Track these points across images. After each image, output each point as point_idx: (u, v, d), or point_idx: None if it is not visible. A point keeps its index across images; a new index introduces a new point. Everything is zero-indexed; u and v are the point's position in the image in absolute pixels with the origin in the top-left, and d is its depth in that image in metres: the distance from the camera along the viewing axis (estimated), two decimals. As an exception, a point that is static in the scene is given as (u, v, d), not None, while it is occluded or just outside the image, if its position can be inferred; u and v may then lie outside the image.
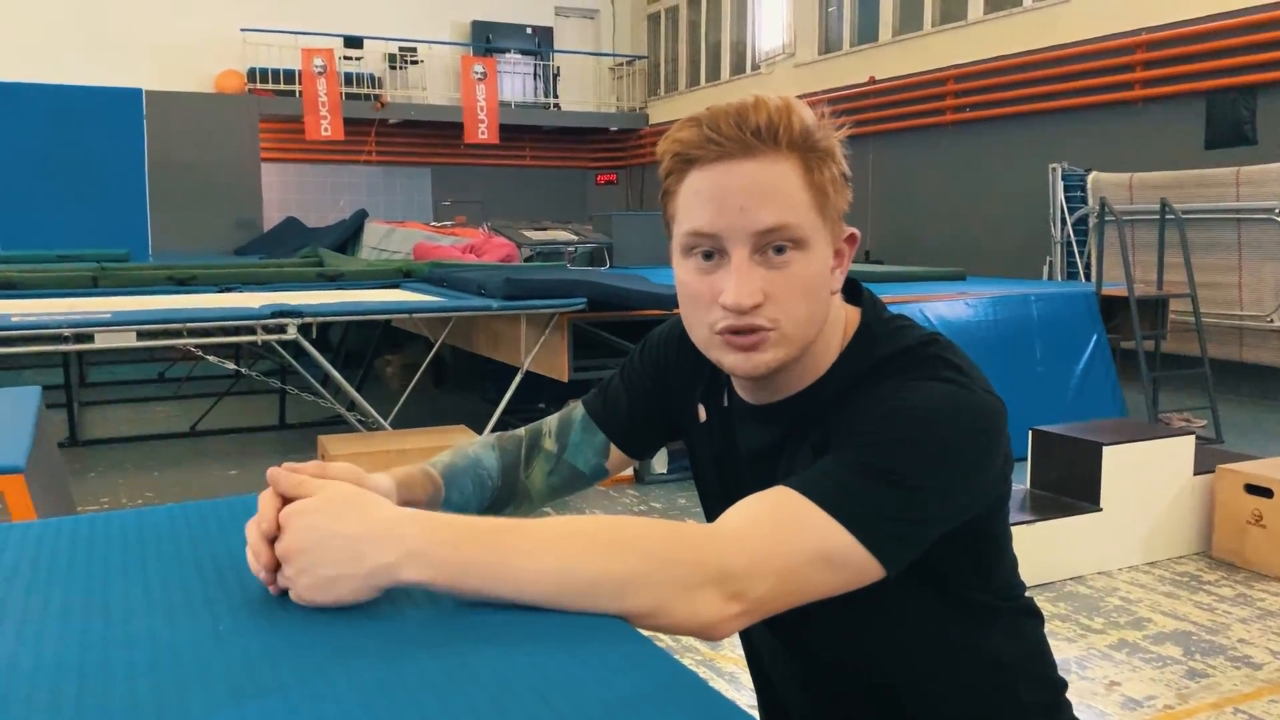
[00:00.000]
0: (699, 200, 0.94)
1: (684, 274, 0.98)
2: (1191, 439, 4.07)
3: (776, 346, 0.96)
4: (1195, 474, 4.00)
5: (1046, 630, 1.14)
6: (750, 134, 0.92)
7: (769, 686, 1.21)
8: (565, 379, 5.15)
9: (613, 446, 1.20)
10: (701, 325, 0.98)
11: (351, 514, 0.81)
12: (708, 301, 0.96)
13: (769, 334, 0.95)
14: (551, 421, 1.22)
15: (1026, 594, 1.13)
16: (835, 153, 0.96)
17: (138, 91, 12.18)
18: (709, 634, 0.84)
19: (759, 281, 0.93)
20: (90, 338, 4.50)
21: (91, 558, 0.94)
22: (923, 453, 0.90)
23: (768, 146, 0.92)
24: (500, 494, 1.16)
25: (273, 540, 0.82)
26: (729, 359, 0.98)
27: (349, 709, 0.64)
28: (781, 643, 1.12)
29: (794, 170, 0.93)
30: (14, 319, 4.39)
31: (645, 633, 0.79)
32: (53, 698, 0.65)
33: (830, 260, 0.98)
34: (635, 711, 0.64)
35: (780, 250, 0.94)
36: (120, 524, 1.04)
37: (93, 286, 6.20)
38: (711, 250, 0.95)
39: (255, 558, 0.84)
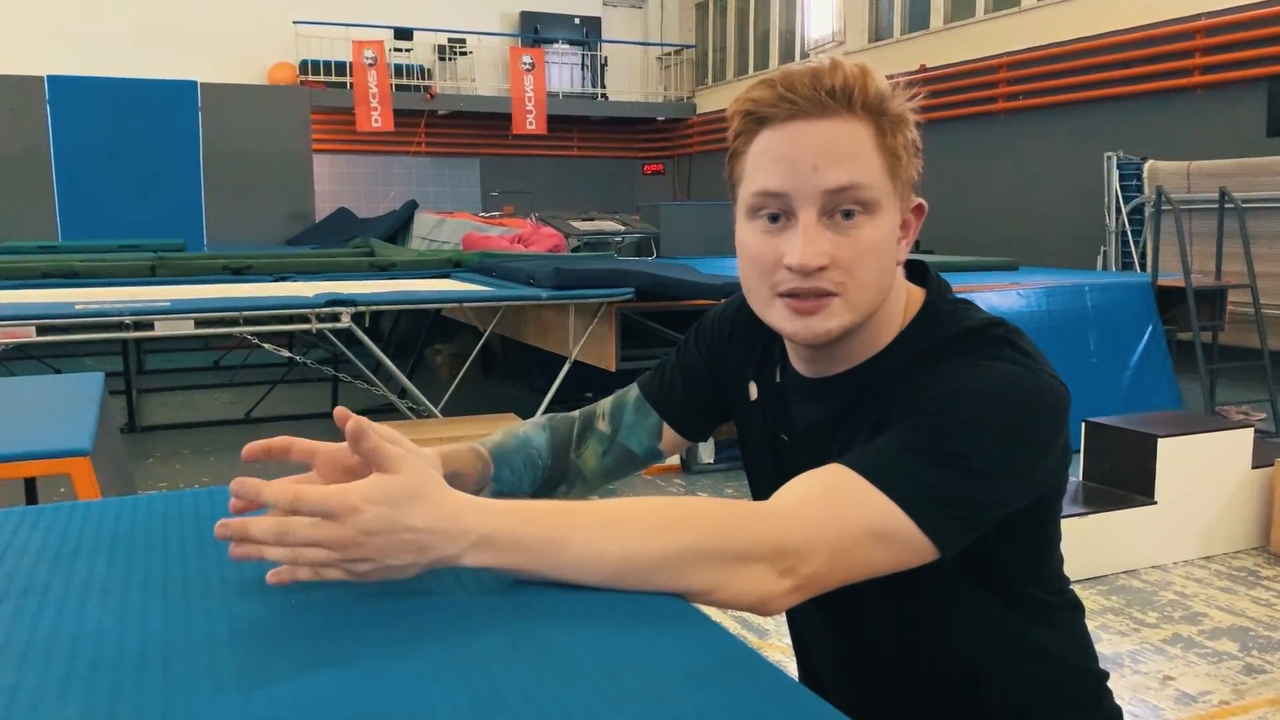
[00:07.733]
0: (769, 159, 0.93)
1: (747, 236, 0.97)
2: (1250, 432, 4.01)
3: (840, 313, 0.94)
4: (1253, 467, 3.93)
5: (1098, 624, 1.14)
6: (825, 94, 0.91)
7: (813, 669, 1.22)
8: (613, 368, 5.18)
9: (666, 428, 1.19)
10: (762, 288, 0.96)
11: (417, 507, 0.77)
12: (771, 264, 0.94)
13: (832, 299, 0.93)
14: (605, 403, 1.22)
15: (1070, 586, 1.11)
16: (908, 120, 0.95)
17: (193, 84, 12.38)
18: (762, 609, 0.85)
19: (826, 244, 0.92)
20: (150, 325, 4.61)
21: (167, 534, 0.97)
22: (983, 434, 0.89)
23: (842, 107, 0.91)
24: (552, 473, 1.17)
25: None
26: (789, 325, 0.96)
27: (421, 678, 0.66)
28: (830, 625, 1.12)
29: (867, 133, 0.92)
30: (77, 307, 4.51)
31: (702, 609, 0.81)
32: (140, 663, 0.68)
33: (898, 228, 0.97)
34: (698, 685, 0.65)
35: (849, 215, 0.92)
36: (192, 501, 1.08)
37: (151, 276, 6.34)
38: (778, 212, 0.93)
39: (281, 534, 0.76)
